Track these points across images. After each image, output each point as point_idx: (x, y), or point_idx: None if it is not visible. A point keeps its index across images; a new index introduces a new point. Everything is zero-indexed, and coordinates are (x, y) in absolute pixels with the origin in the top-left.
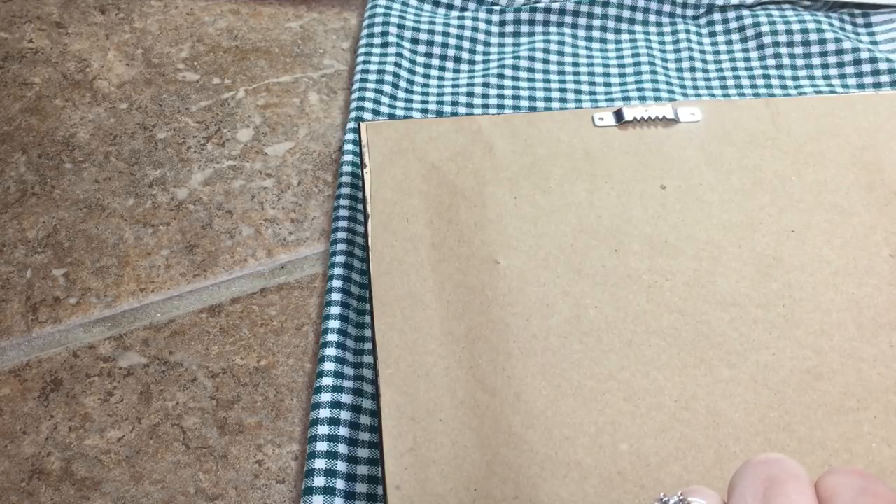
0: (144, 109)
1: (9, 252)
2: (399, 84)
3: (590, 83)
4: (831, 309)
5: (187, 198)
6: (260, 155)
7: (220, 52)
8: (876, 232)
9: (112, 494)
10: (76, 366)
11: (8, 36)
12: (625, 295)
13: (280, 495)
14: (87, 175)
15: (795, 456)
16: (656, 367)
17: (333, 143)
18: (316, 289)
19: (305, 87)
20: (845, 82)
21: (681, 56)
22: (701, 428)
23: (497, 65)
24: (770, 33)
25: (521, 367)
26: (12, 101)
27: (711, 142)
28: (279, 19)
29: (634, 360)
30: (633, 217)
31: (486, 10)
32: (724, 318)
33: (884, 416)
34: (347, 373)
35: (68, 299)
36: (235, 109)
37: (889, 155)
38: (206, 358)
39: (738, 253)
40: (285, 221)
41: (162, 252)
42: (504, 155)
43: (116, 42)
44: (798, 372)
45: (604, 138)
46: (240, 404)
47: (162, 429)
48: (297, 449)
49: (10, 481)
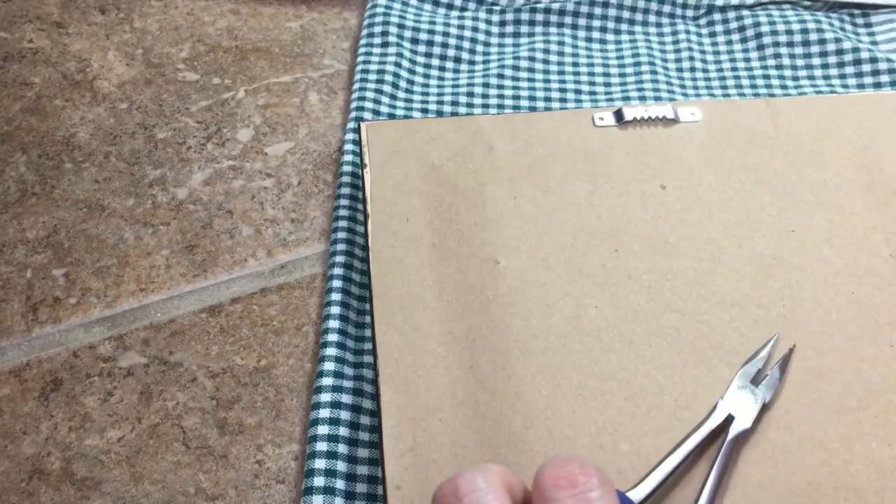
0: (144, 109)
1: (9, 252)
2: (399, 84)
3: (590, 83)
4: (831, 309)
5: (187, 198)
6: (260, 155)
7: (220, 52)
8: (876, 232)
9: (112, 494)
10: (76, 366)
11: (8, 36)
12: (625, 295)
13: (280, 495)
14: (87, 175)
15: (795, 456)
16: (656, 367)
17: (333, 143)
18: (316, 289)
19: (305, 87)
20: (845, 82)
21: (681, 56)
22: None
23: (497, 65)
24: (770, 33)
25: (521, 367)
26: (12, 101)
27: (711, 142)
28: (279, 19)
29: (634, 359)
30: (633, 217)
31: (486, 10)
32: (724, 318)
33: (884, 416)
34: (347, 373)
35: (68, 299)
36: (235, 109)
37: (889, 155)
38: (206, 358)
39: (738, 253)
40: (285, 221)
41: (162, 252)
42: (504, 155)
43: (116, 42)
44: (798, 372)
45: (604, 138)
46: (240, 404)
47: (162, 429)
48: (297, 449)
49: (10, 481)
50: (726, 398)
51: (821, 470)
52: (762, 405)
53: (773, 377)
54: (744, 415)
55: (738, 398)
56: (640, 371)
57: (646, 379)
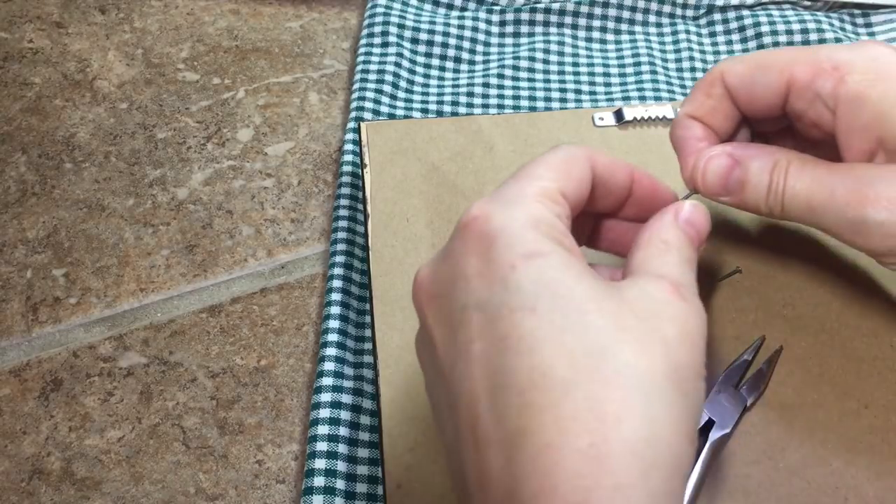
0: (144, 109)
1: (9, 252)
2: (399, 84)
3: (590, 83)
4: (831, 309)
5: (187, 198)
6: (260, 155)
7: (220, 52)
8: None
9: (112, 494)
10: (76, 366)
11: (8, 36)
12: None
13: (280, 495)
14: (87, 175)
15: (795, 456)
16: None
17: (333, 143)
18: (316, 289)
19: (305, 87)
20: None
21: (681, 56)
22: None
23: (497, 65)
24: (770, 33)
25: None
26: (12, 101)
27: None
28: (279, 19)
29: None
30: None
31: (487, 10)
32: (724, 318)
33: (884, 415)
34: (347, 373)
35: (68, 299)
36: (235, 109)
37: None
38: (206, 358)
39: (738, 253)
40: (285, 221)
41: (162, 252)
42: (504, 155)
43: (116, 42)
44: (798, 372)
45: (604, 138)
46: (240, 404)
47: (162, 429)
48: (297, 449)
49: (10, 481)
50: (706, 403)
51: (821, 470)
52: (743, 408)
53: (756, 379)
54: (724, 419)
55: (718, 403)
56: None
57: None
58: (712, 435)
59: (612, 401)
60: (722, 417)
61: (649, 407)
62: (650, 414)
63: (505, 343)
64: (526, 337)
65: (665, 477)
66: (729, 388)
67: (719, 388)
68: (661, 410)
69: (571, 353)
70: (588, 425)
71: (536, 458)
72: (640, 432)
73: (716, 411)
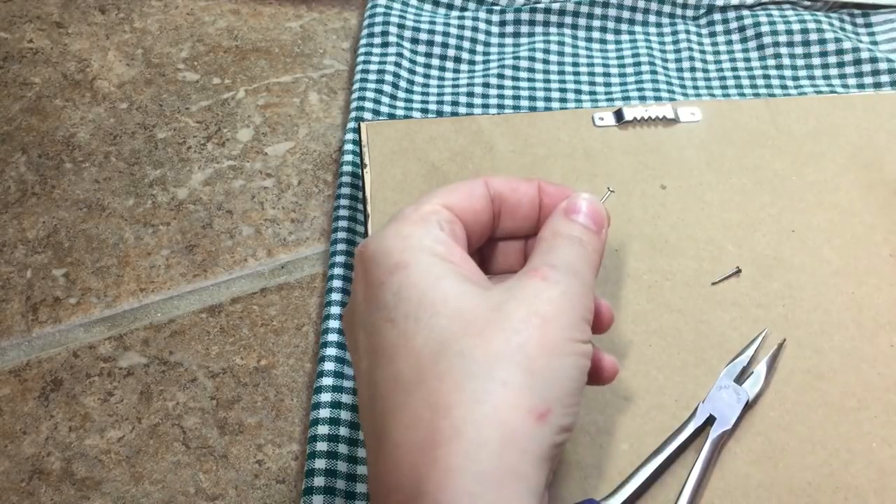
0: (144, 109)
1: (9, 252)
2: (399, 84)
3: (590, 83)
4: (831, 309)
5: (187, 198)
6: (260, 155)
7: (220, 52)
8: (876, 232)
9: (112, 494)
10: (76, 366)
11: (8, 36)
12: (625, 295)
13: (280, 495)
14: (87, 175)
15: (795, 456)
16: (656, 367)
17: (333, 143)
18: (316, 289)
19: (305, 87)
20: (845, 82)
21: (681, 56)
22: None
23: (497, 65)
24: (770, 33)
25: None
26: (12, 101)
27: (711, 142)
28: (279, 19)
29: (634, 359)
30: (633, 217)
31: (486, 10)
32: (724, 318)
33: (884, 416)
34: (347, 373)
35: (68, 299)
36: (235, 109)
37: (889, 155)
38: (206, 358)
39: (738, 253)
40: (285, 221)
41: (162, 252)
42: (504, 155)
43: (116, 42)
44: (798, 372)
45: (604, 138)
46: (240, 404)
47: (162, 429)
48: (297, 449)
49: (10, 481)
50: (707, 400)
51: (821, 470)
52: (745, 404)
53: (758, 374)
54: (725, 415)
55: (719, 399)
56: (640, 371)
57: (646, 379)
58: (713, 431)
59: (444, 392)
60: (723, 414)
61: (479, 391)
62: (479, 397)
63: (377, 356)
64: (388, 348)
65: (495, 453)
66: (730, 385)
67: (721, 385)
68: (495, 392)
69: (418, 355)
70: (424, 420)
71: (388, 458)
72: (468, 415)
73: (717, 408)
